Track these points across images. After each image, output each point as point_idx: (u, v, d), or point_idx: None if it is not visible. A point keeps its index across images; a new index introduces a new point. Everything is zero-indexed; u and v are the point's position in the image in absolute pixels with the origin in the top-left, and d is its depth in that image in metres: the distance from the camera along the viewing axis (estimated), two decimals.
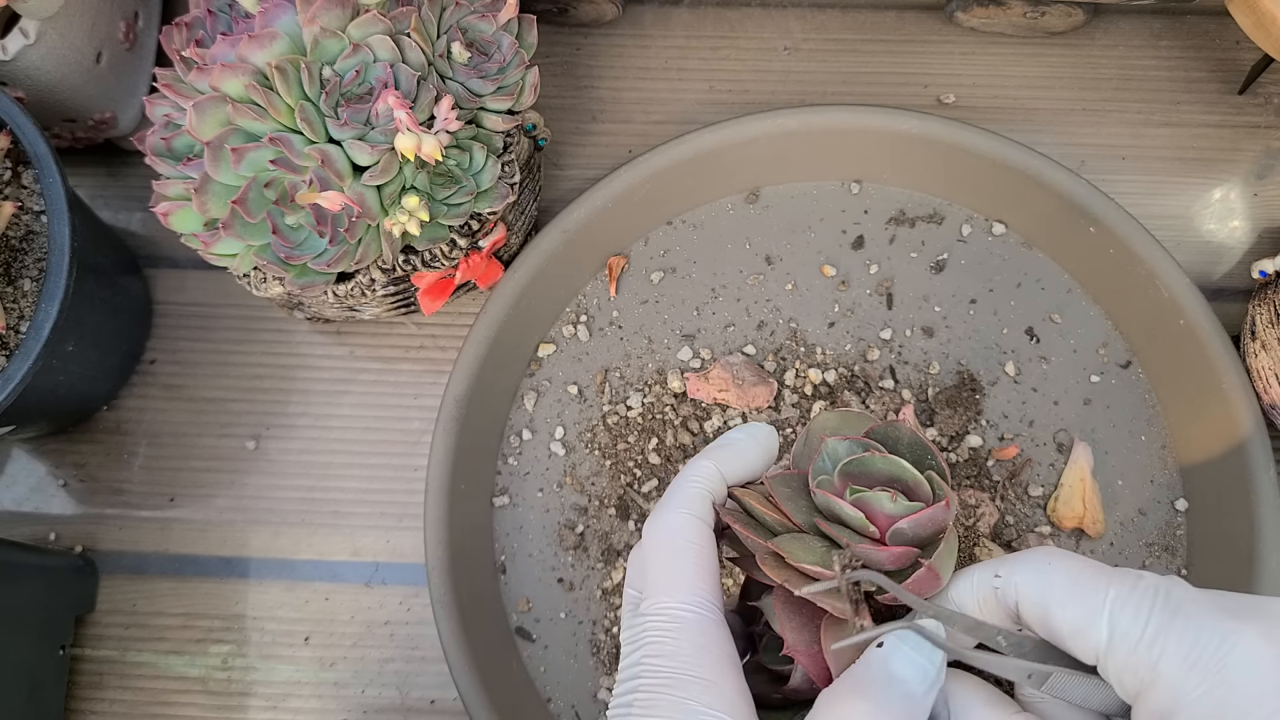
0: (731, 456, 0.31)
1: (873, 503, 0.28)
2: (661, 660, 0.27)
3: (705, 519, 0.29)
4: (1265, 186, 0.52)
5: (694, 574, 0.28)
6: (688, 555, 0.28)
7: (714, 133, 0.50)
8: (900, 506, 0.27)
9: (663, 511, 0.29)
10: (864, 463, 0.29)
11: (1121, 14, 0.55)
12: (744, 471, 0.31)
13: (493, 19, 0.44)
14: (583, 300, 0.52)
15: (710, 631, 0.27)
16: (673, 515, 0.29)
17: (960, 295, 0.51)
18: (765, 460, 0.31)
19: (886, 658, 0.26)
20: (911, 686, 0.26)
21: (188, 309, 0.53)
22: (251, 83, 0.39)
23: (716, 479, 0.30)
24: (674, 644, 0.27)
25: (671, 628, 0.27)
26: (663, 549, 0.29)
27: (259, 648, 0.49)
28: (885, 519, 0.28)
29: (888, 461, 0.29)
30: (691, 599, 0.28)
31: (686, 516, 0.29)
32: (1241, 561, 0.44)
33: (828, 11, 0.56)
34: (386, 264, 0.44)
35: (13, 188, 0.44)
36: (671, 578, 0.28)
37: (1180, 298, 0.46)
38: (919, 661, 0.26)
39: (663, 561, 0.29)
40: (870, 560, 0.27)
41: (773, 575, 0.27)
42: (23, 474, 0.51)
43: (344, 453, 0.51)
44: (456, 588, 0.45)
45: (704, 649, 0.27)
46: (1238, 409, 0.45)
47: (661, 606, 0.28)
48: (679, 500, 0.29)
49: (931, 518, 0.27)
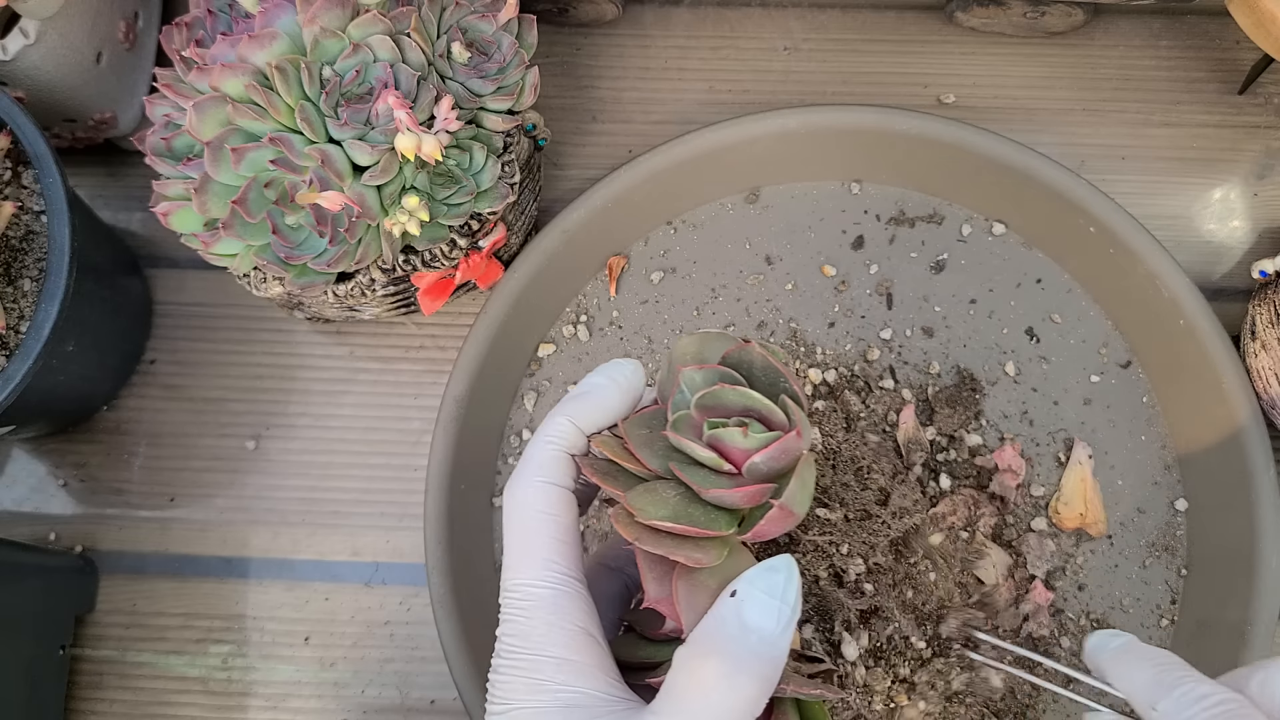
0: (587, 407, 0.29)
1: (726, 440, 0.27)
2: (515, 640, 0.27)
3: (560, 482, 0.28)
4: (1265, 186, 0.52)
5: (546, 547, 0.28)
6: (539, 527, 0.28)
7: (714, 133, 0.50)
8: (753, 440, 0.27)
9: (515, 481, 0.29)
10: (717, 395, 0.28)
11: (1121, 14, 0.55)
12: (604, 418, 0.29)
13: (493, 19, 0.44)
14: (583, 300, 0.52)
15: (563, 606, 0.27)
16: (523, 484, 0.28)
17: (960, 295, 0.51)
18: (629, 401, 0.30)
19: (740, 607, 0.26)
20: (767, 632, 0.25)
21: (188, 309, 0.53)
22: (251, 83, 0.39)
23: (572, 435, 0.29)
24: (526, 623, 0.27)
25: (524, 606, 0.27)
26: (514, 522, 0.28)
27: (259, 648, 0.49)
28: (740, 454, 0.27)
29: (740, 393, 0.28)
30: (543, 574, 0.27)
31: (538, 484, 0.28)
32: (1241, 561, 0.44)
33: (828, 11, 0.56)
34: (386, 264, 0.44)
35: (13, 188, 0.44)
36: (523, 553, 0.28)
37: (1180, 298, 0.46)
38: (772, 605, 0.26)
39: (515, 536, 0.28)
40: (721, 500, 0.27)
41: (625, 533, 0.27)
42: (23, 474, 0.51)
43: (344, 453, 0.51)
44: (456, 588, 0.45)
45: (555, 625, 0.27)
46: (1238, 409, 0.45)
47: (515, 583, 0.27)
48: (531, 467, 0.29)
49: (784, 449, 0.27)
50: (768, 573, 0.26)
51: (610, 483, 0.28)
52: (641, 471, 0.28)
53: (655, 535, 0.27)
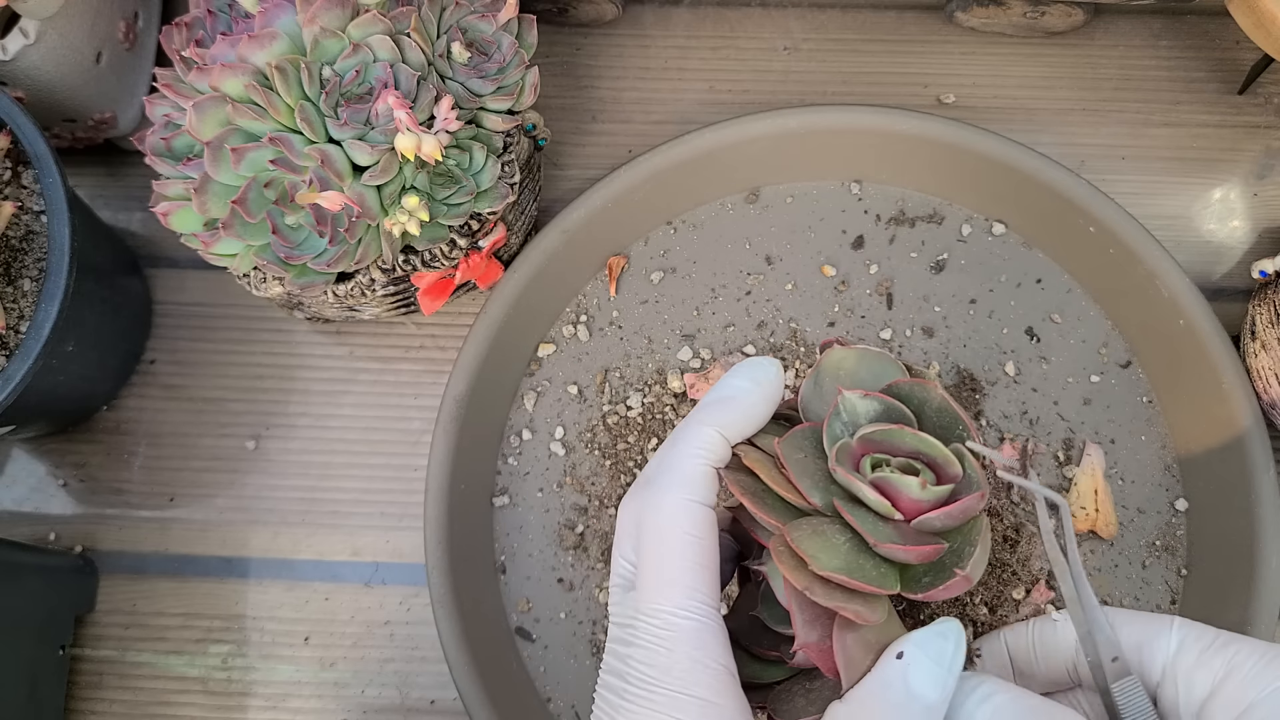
0: (734, 416, 0.27)
1: (898, 485, 0.25)
2: (654, 672, 0.25)
3: (706, 500, 0.27)
4: (1265, 186, 0.52)
5: (692, 574, 0.26)
6: (686, 551, 0.26)
7: (714, 133, 0.50)
8: (929, 494, 0.25)
9: (658, 491, 0.27)
10: (889, 435, 0.26)
11: (1121, 14, 0.55)
12: (750, 428, 0.28)
13: (493, 19, 0.44)
14: (583, 300, 0.52)
15: (707, 642, 0.25)
16: (670, 500, 0.26)
17: (960, 295, 0.51)
18: (772, 406, 0.28)
19: (906, 672, 0.24)
20: (930, 701, 0.24)
21: (188, 309, 0.53)
22: (251, 83, 0.39)
23: (720, 448, 0.27)
24: (667, 657, 0.25)
25: (666, 636, 0.25)
26: (659, 539, 0.26)
27: (259, 648, 0.49)
28: (911, 504, 0.25)
29: (916, 438, 0.26)
30: (688, 604, 0.26)
31: (685, 502, 0.26)
32: (1241, 561, 0.44)
33: (828, 11, 0.56)
34: (386, 264, 0.44)
35: (13, 188, 0.44)
36: (668, 576, 0.26)
37: (1180, 298, 0.46)
38: (938, 674, 0.24)
39: (659, 554, 0.26)
40: (894, 556, 0.25)
41: (791, 577, 0.25)
42: (23, 474, 0.51)
43: (344, 453, 0.51)
44: (456, 588, 0.45)
45: (700, 663, 0.25)
46: (1238, 409, 0.45)
47: (656, 609, 0.26)
48: (678, 480, 0.26)
49: (964, 509, 0.25)
50: (938, 639, 0.25)
51: (764, 510, 0.26)
52: (799, 503, 0.26)
53: (825, 586, 0.25)
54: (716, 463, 0.27)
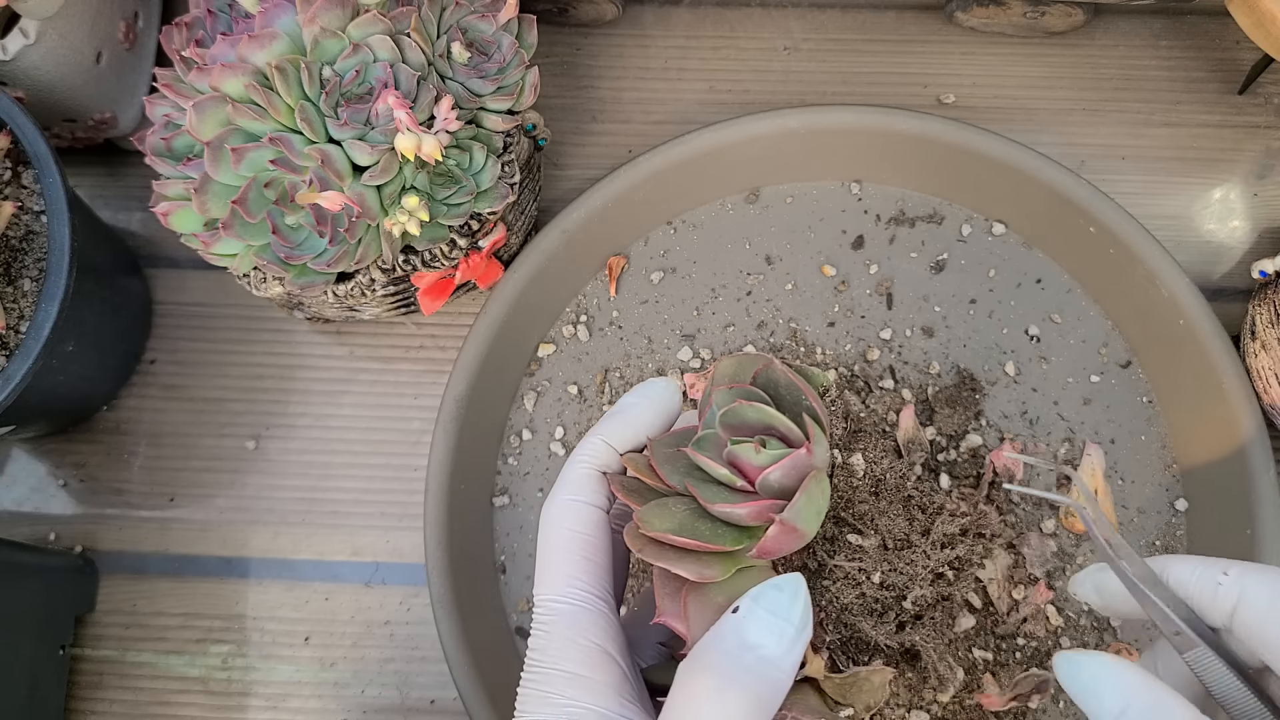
0: (622, 426, 0.30)
1: (742, 456, 0.27)
2: (535, 654, 0.27)
3: (590, 500, 0.29)
4: (1265, 186, 0.52)
5: (570, 563, 0.28)
6: (565, 544, 0.28)
7: (714, 133, 0.50)
8: (765, 456, 0.27)
9: (549, 500, 0.29)
10: (738, 413, 0.28)
11: (1121, 14, 0.55)
12: (637, 437, 0.30)
13: (493, 19, 0.44)
14: (583, 300, 0.52)
15: (581, 622, 0.27)
16: (554, 502, 0.29)
17: (960, 295, 0.51)
18: (663, 420, 0.30)
19: (741, 623, 0.25)
20: (767, 650, 0.25)
21: (188, 309, 0.53)
22: (251, 83, 0.39)
23: (605, 454, 0.29)
24: (545, 637, 0.27)
25: (545, 620, 0.27)
26: (543, 539, 0.28)
27: (259, 648, 0.49)
28: (755, 471, 0.27)
29: (758, 410, 0.28)
30: (565, 589, 0.27)
31: (568, 503, 0.28)
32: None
33: (828, 11, 0.56)
34: (386, 264, 0.44)
35: (13, 188, 0.44)
36: (548, 569, 0.28)
37: (1180, 298, 0.46)
38: (775, 623, 0.25)
39: (542, 552, 0.28)
40: (730, 516, 0.27)
41: (630, 544, 0.27)
42: (23, 474, 0.51)
43: (344, 453, 0.51)
44: (456, 588, 0.45)
45: (571, 641, 0.27)
46: (1238, 409, 0.45)
47: (540, 599, 0.28)
48: (563, 485, 0.29)
49: (795, 463, 0.27)
50: (772, 590, 0.26)
51: (632, 499, 0.28)
52: (661, 488, 0.28)
53: (659, 548, 0.26)
54: (601, 467, 0.29)
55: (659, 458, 0.29)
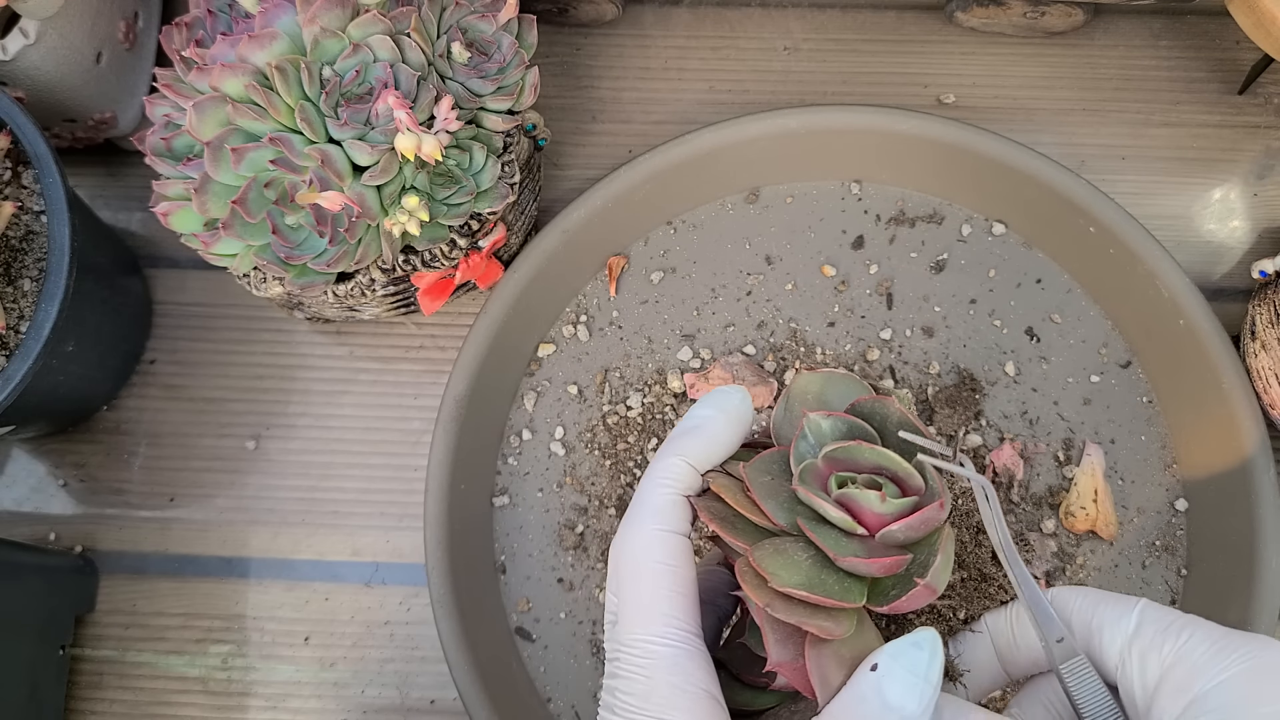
0: (701, 444, 0.28)
1: (860, 500, 0.26)
2: (635, 700, 0.25)
3: (678, 529, 0.27)
4: (1265, 186, 0.52)
5: (667, 602, 0.26)
6: (659, 580, 0.26)
7: (714, 133, 0.50)
8: (890, 506, 0.25)
9: (630, 526, 0.27)
10: (850, 452, 0.26)
11: (1121, 14, 0.55)
12: (718, 454, 0.28)
13: (493, 19, 0.44)
14: (583, 300, 0.52)
15: (685, 667, 0.25)
16: (640, 533, 0.27)
17: (960, 295, 0.51)
18: (740, 433, 0.29)
19: (881, 683, 0.24)
20: (908, 712, 0.24)
21: (188, 309, 0.53)
22: (251, 83, 0.39)
23: (687, 476, 0.27)
24: (646, 684, 0.25)
25: (644, 664, 0.26)
26: (629, 572, 0.27)
27: (259, 648, 0.49)
28: (874, 518, 0.26)
29: (876, 453, 0.26)
30: (665, 631, 0.26)
31: (656, 533, 0.27)
32: (1241, 561, 0.44)
33: (828, 11, 0.56)
34: (386, 264, 0.44)
35: (13, 188, 0.44)
36: (643, 606, 0.26)
37: (1180, 298, 0.46)
38: (914, 683, 0.24)
39: (633, 586, 0.26)
40: (857, 570, 0.26)
41: (755, 597, 0.25)
42: (23, 474, 0.51)
43: (344, 453, 0.51)
44: (456, 588, 0.45)
45: (679, 689, 0.25)
46: (1238, 409, 0.45)
47: (634, 638, 0.26)
48: (647, 513, 0.27)
49: (924, 519, 0.26)
50: (912, 649, 0.24)
51: (732, 533, 0.26)
52: (765, 524, 0.27)
53: (787, 602, 0.25)
54: (685, 491, 0.27)
55: (759, 490, 0.27)
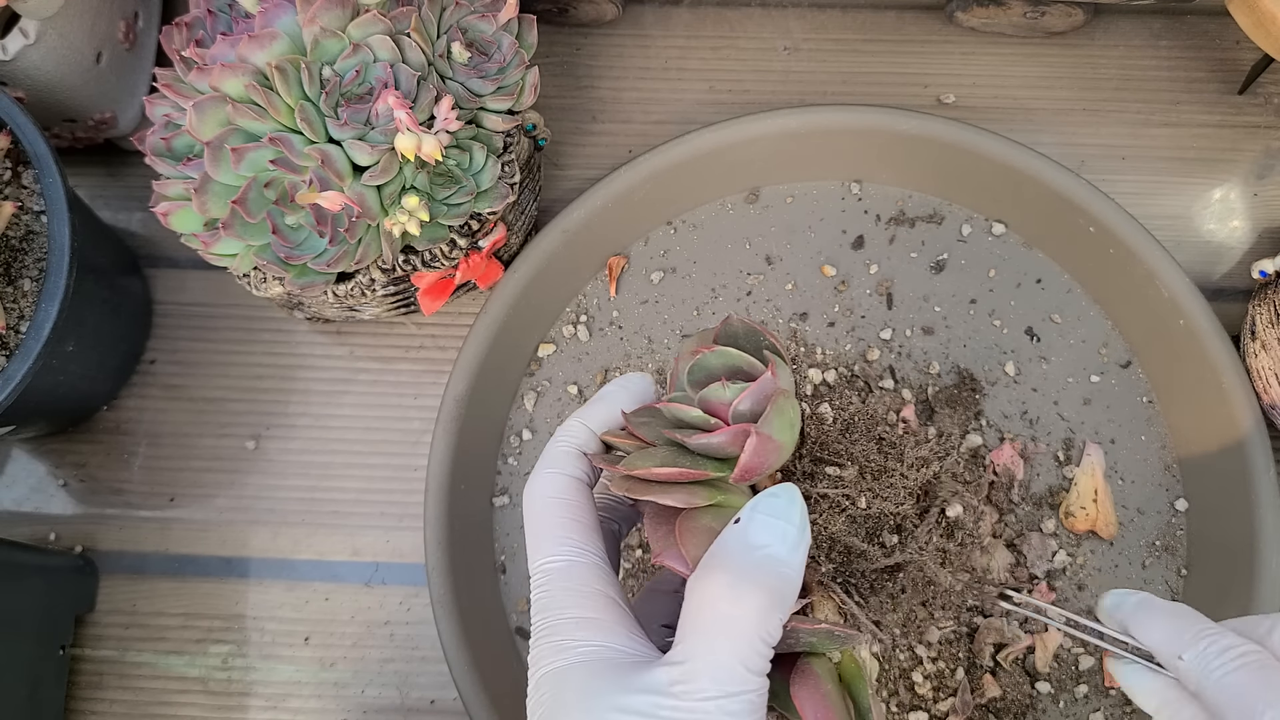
0: (600, 410, 0.31)
1: (710, 397, 0.28)
2: (539, 615, 0.27)
3: (573, 474, 0.30)
4: (1265, 186, 0.52)
5: (560, 528, 0.28)
6: (553, 511, 0.29)
7: (714, 133, 0.50)
8: (731, 390, 0.28)
9: (532, 475, 0.30)
10: (701, 364, 0.30)
11: (1121, 14, 0.55)
12: (614, 420, 0.31)
13: (493, 19, 0.44)
14: (583, 300, 0.52)
15: (578, 573, 0.28)
16: (538, 477, 0.30)
17: (960, 295, 0.51)
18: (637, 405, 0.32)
19: (743, 530, 0.26)
20: (773, 549, 0.26)
21: (188, 309, 0.53)
22: (251, 83, 0.39)
23: (584, 435, 0.30)
24: (546, 596, 0.27)
25: (544, 582, 0.28)
26: (530, 513, 0.29)
27: (259, 648, 0.49)
28: (725, 407, 0.28)
29: (720, 354, 0.30)
30: (557, 550, 0.28)
31: (551, 475, 0.29)
32: (1241, 561, 0.44)
33: (828, 11, 0.56)
34: (386, 264, 0.44)
35: (13, 188, 0.44)
36: (540, 535, 0.29)
37: (1180, 298, 0.46)
38: (777, 525, 0.26)
39: (531, 524, 0.29)
40: (708, 448, 0.28)
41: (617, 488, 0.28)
42: (23, 474, 0.51)
43: (344, 453, 0.51)
44: (456, 588, 0.45)
45: (571, 590, 0.27)
46: (1238, 409, 0.45)
47: (535, 566, 0.28)
48: (545, 461, 0.30)
49: (761, 389, 0.28)
50: (768, 497, 0.27)
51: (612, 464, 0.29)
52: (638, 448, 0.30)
53: (646, 485, 0.28)
54: (580, 446, 0.30)
55: (636, 424, 0.30)
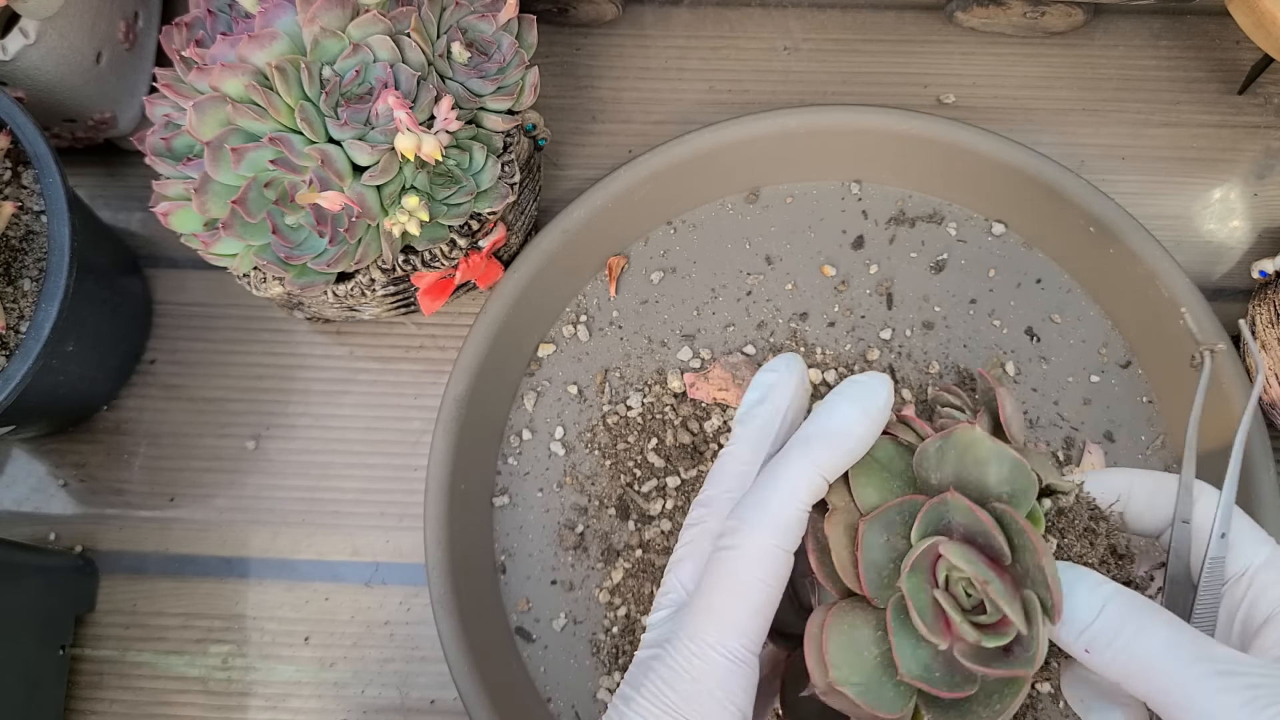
0: (840, 458, 0.26)
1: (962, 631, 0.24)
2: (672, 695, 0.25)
3: (791, 548, 0.26)
4: (1265, 186, 0.52)
5: (749, 619, 0.26)
6: (752, 595, 0.26)
7: (714, 133, 0.50)
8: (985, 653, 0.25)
9: (748, 528, 0.26)
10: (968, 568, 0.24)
11: (1121, 14, 0.55)
12: (853, 461, 0.27)
13: (493, 19, 0.44)
14: (583, 300, 0.52)
15: (734, 685, 0.25)
16: (757, 542, 0.26)
17: (960, 295, 0.51)
18: (877, 435, 0.27)
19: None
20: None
21: (188, 309, 0.53)
22: (251, 83, 0.39)
23: (819, 491, 0.26)
24: (691, 685, 0.25)
25: (699, 667, 0.25)
26: (731, 576, 0.26)
27: (259, 648, 0.49)
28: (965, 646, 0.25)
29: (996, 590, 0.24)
30: (733, 644, 0.25)
31: (772, 549, 0.26)
32: None
33: (828, 11, 0.56)
34: (386, 264, 0.44)
35: (13, 188, 0.44)
36: (725, 614, 0.26)
37: (1180, 298, 0.46)
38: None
39: (724, 590, 0.26)
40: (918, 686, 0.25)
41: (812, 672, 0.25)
42: (23, 474, 0.51)
43: (344, 453, 0.51)
44: (456, 588, 0.45)
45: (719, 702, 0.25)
46: (1238, 409, 0.45)
47: (700, 637, 0.26)
48: (769, 523, 0.26)
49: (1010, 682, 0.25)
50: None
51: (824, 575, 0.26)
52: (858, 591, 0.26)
53: (838, 695, 0.25)
54: (812, 504, 0.26)
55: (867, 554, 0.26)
